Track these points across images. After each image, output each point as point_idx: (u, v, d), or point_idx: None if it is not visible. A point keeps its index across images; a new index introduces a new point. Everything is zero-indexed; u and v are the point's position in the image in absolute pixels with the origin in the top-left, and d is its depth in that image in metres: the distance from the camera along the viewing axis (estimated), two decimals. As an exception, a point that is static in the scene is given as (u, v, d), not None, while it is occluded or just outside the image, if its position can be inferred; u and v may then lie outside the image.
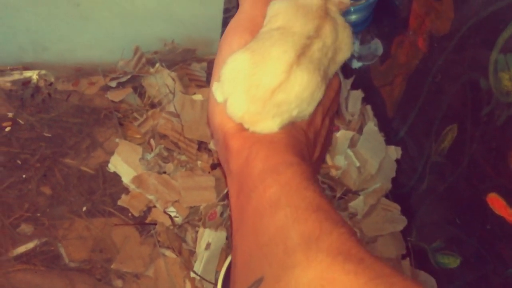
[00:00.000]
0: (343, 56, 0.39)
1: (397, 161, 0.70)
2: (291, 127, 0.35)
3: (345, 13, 0.64)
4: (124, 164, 0.64)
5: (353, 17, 0.64)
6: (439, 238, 0.62)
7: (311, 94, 0.35)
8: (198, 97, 0.69)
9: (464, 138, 0.55)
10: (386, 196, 0.70)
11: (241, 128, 0.35)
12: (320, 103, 0.37)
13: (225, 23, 0.69)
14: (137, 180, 0.62)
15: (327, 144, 0.44)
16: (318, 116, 0.38)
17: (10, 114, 0.64)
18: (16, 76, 0.67)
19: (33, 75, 0.67)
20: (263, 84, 0.34)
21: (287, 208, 0.30)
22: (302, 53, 0.34)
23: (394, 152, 0.70)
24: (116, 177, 0.64)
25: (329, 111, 0.41)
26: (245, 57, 0.34)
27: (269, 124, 0.34)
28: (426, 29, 0.60)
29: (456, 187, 0.58)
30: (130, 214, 0.61)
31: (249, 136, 0.34)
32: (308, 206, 0.30)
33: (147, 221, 0.62)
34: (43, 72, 0.67)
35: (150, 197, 0.62)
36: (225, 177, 0.61)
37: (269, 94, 0.33)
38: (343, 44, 0.38)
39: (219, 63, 0.37)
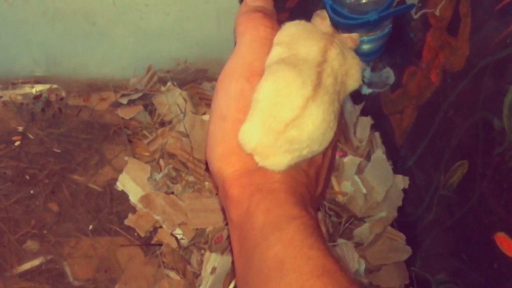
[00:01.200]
0: (351, 85, 0.39)
1: (404, 190, 0.70)
2: (291, 168, 0.35)
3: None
4: (132, 182, 0.64)
5: (366, 47, 0.65)
6: (443, 270, 0.62)
7: (323, 134, 0.34)
8: (208, 117, 0.70)
9: (474, 175, 0.55)
10: (391, 224, 0.70)
11: (241, 174, 0.34)
12: None
13: (238, 44, 0.70)
14: (145, 199, 0.62)
15: (330, 172, 0.43)
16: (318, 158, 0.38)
17: (20, 128, 0.64)
18: (28, 89, 0.67)
19: (44, 89, 0.67)
20: (279, 116, 0.33)
21: (291, 273, 0.29)
22: (317, 84, 0.34)
23: (402, 181, 0.70)
24: (123, 195, 0.63)
25: (332, 140, 0.40)
26: (270, 85, 0.34)
27: (279, 160, 0.34)
28: (439, 63, 0.60)
29: (463, 222, 0.58)
30: (136, 234, 0.61)
31: (248, 184, 0.34)
32: (313, 269, 0.29)
33: (153, 242, 0.62)
34: (54, 86, 0.67)
35: (157, 217, 0.62)
36: (225, 218, 0.61)
37: (283, 127, 0.33)
38: (351, 72, 0.38)
39: (215, 109, 0.36)
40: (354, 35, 0.38)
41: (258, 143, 0.34)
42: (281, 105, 0.33)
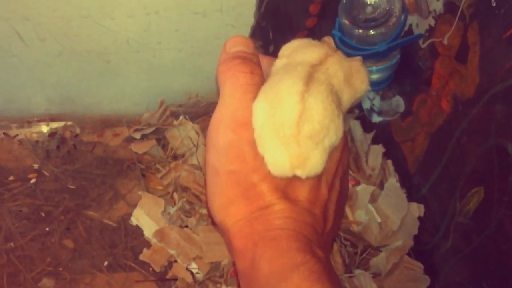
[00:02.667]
0: (359, 86, 0.38)
1: (419, 218, 0.70)
2: (291, 211, 0.35)
3: (367, 71, 0.65)
4: (146, 217, 0.64)
5: (375, 77, 0.65)
6: (463, 299, 0.61)
7: (332, 121, 0.34)
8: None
9: (491, 202, 0.54)
10: (408, 253, 0.70)
11: (242, 225, 0.35)
12: (323, 171, 0.36)
13: (248, 77, 0.71)
14: (159, 234, 0.62)
15: (342, 205, 0.43)
16: (323, 187, 0.37)
17: (36, 166, 0.65)
18: (43, 127, 0.68)
19: (59, 126, 0.68)
20: (285, 121, 0.33)
21: None
22: (308, 78, 0.34)
23: (417, 209, 0.69)
24: (138, 230, 0.63)
25: (337, 172, 0.39)
26: (261, 104, 0.34)
27: (314, 160, 0.34)
28: (449, 91, 0.60)
29: (482, 250, 0.57)
30: (151, 269, 0.61)
31: (251, 233, 0.34)
32: None
33: (168, 277, 0.61)
34: (69, 123, 0.68)
35: (172, 251, 0.62)
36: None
37: (295, 128, 0.33)
38: (357, 75, 0.38)
39: (208, 163, 0.36)
40: (357, 58, 0.39)
41: (288, 158, 0.34)
42: (280, 110, 0.33)
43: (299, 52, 0.36)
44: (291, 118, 0.33)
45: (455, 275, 0.63)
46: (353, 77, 0.38)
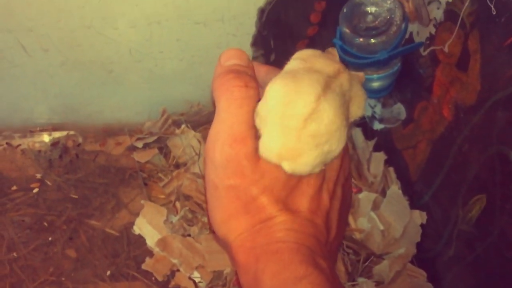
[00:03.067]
0: (355, 111, 0.39)
1: (421, 225, 0.69)
2: (293, 222, 0.35)
3: (367, 80, 0.65)
4: (148, 226, 0.64)
5: (376, 84, 0.65)
6: (467, 307, 0.61)
7: (338, 129, 0.34)
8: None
9: (493, 209, 0.54)
10: (411, 261, 0.69)
11: (244, 239, 0.35)
12: (324, 180, 0.37)
13: (250, 86, 0.71)
14: (162, 243, 0.62)
15: (345, 213, 0.43)
16: (324, 196, 0.38)
17: (38, 175, 0.65)
18: (45, 137, 0.68)
19: (61, 136, 0.68)
20: (296, 113, 0.33)
21: None
22: (326, 86, 0.34)
23: (419, 216, 0.69)
24: (140, 239, 0.63)
25: (338, 180, 0.39)
26: (278, 88, 0.34)
27: (307, 158, 0.34)
28: (451, 98, 0.61)
29: (485, 257, 0.57)
30: (153, 278, 0.61)
31: (253, 247, 0.34)
32: None
33: (170, 286, 0.61)
34: (71, 132, 0.68)
35: (174, 261, 0.62)
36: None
37: (302, 122, 0.33)
38: (357, 100, 0.39)
39: (207, 179, 0.37)
40: (361, 74, 0.40)
41: (281, 147, 0.34)
42: (295, 102, 0.34)
43: (316, 61, 0.37)
44: (302, 113, 0.33)
45: (458, 283, 0.63)
46: (351, 100, 0.38)
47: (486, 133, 0.55)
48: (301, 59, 0.37)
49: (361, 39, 0.55)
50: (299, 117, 0.33)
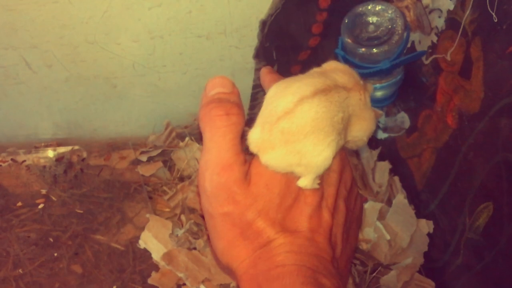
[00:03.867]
0: (356, 133, 0.39)
1: (428, 234, 0.69)
2: (291, 244, 0.35)
3: (371, 88, 0.65)
4: (154, 240, 0.64)
5: (379, 94, 0.66)
6: (477, 317, 0.60)
7: (315, 134, 0.35)
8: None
9: (501, 217, 0.54)
10: (419, 271, 0.69)
11: (247, 266, 0.35)
12: (322, 196, 0.37)
13: (253, 98, 0.71)
14: (167, 257, 0.62)
15: (352, 227, 0.42)
16: (324, 213, 0.37)
17: (44, 191, 0.65)
18: (50, 152, 0.68)
19: (66, 151, 0.68)
20: (274, 109, 0.35)
21: None
22: (321, 91, 0.35)
23: (426, 225, 0.69)
24: (146, 253, 0.63)
25: (339, 194, 0.39)
26: (274, 89, 0.37)
27: (276, 153, 0.35)
28: (454, 106, 0.61)
29: (494, 266, 0.56)
30: (159, 293, 0.60)
31: (255, 274, 0.34)
32: None
33: (177, 300, 0.61)
34: (76, 147, 0.68)
35: (180, 274, 0.62)
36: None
37: (276, 119, 0.35)
38: (362, 123, 0.39)
39: (203, 209, 0.37)
40: (380, 112, 0.40)
41: (258, 139, 0.36)
42: (278, 102, 0.35)
43: (336, 71, 0.38)
44: (278, 112, 0.35)
45: (467, 292, 0.62)
46: (355, 120, 0.38)
47: (491, 140, 0.55)
48: (322, 68, 0.39)
49: (363, 49, 0.56)
50: (275, 114, 0.35)
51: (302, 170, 0.36)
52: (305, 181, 0.36)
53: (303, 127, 0.34)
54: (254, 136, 0.36)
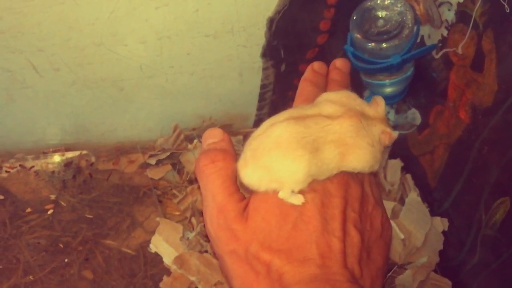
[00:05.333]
0: (352, 161, 0.39)
1: (443, 232, 0.68)
2: (301, 274, 0.35)
3: (380, 86, 0.64)
4: (165, 243, 0.63)
5: (389, 90, 0.65)
6: (495, 316, 0.59)
7: (278, 150, 0.36)
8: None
9: (518, 212, 0.53)
10: (434, 270, 0.67)
11: None
12: (324, 221, 0.37)
13: (261, 98, 0.70)
14: (179, 260, 0.61)
15: (378, 242, 0.41)
16: (332, 239, 0.37)
17: (53, 196, 0.64)
18: (58, 158, 0.68)
19: (74, 156, 0.68)
20: (252, 136, 0.39)
21: None
22: (294, 118, 0.38)
23: (440, 223, 0.67)
24: (157, 257, 0.62)
25: (345, 219, 0.39)
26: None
27: (247, 171, 0.38)
28: (467, 101, 0.59)
29: (512, 263, 0.55)
30: (172, 297, 0.60)
31: None
32: None
33: (189, 304, 0.60)
34: (84, 152, 0.68)
35: (192, 278, 0.61)
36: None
37: (250, 141, 0.39)
38: (357, 151, 0.39)
39: (216, 256, 0.44)
40: (393, 133, 0.40)
41: (241, 160, 0.39)
42: (257, 129, 0.39)
43: (325, 102, 0.40)
44: (254, 136, 0.39)
45: (485, 290, 0.61)
46: (349, 148, 0.39)
47: (506, 134, 0.53)
48: (314, 102, 0.41)
49: (373, 44, 0.55)
50: (252, 138, 0.39)
51: (278, 185, 0.38)
52: (283, 193, 0.38)
53: (267, 144, 0.37)
54: (239, 162, 0.39)
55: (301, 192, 0.38)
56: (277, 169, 0.37)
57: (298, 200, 0.37)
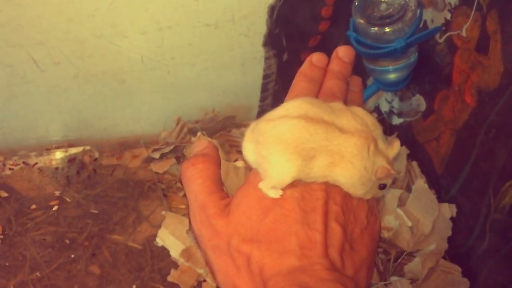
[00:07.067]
0: (339, 175, 0.39)
1: (451, 219, 0.67)
2: (280, 265, 0.36)
3: (384, 72, 0.64)
4: (171, 237, 0.62)
5: (392, 76, 0.64)
6: (507, 300, 0.58)
7: (277, 147, 0.37)
8: (240, 163, 0.69)
9: (528, 194, 0.52)
10: (443, 257, 0.67)
11: None
12: (304, 214, 0.37)
13: (264, 89, 0.70)
14: (186, 253, 0.61)
15: (365, 237, 0.41)
16: (312, 228, 0.37)
17: (57, 193, 0.64)
18: (62, 154, 0.67)
19: (78, 152, 0.67)
20: (263, 117, 0.40)
21: None
22: (306, 118, 0.37)
23: (448, 209, 0.67)
24: (164, 251, 0.62)
25: (328, 213, 0.39)
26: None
27: (246, 145, 0.39)
28: (472, 84, 0.59)
29: (523, 246, 0.54)
30: (179, 290, 0.59)
31: None
32: None
33: (197, 297, 0.60)
34: (87, 148, 0.67)
35: (200, 271, 0.60)
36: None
37: (260, 121, 0.40)
38: (345, 166, 0.39)
39: (202, 253, 0.42)
40: (392, 171, 0.39)
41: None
42: (270, 113, 0.40)
43: (352, 114, 0.39)
44: (265, 117, 0.39)
45: (496, 276, 0.60)
46: (338, 159, 0.39)
47: (514, 115, 0.53)
48: (350, 108, 0.41)
49: (376, 28, 0.54)
50: (263, 118, 0.40)
51: (262, 173, 0.38)
52: (262, 184, 0.38)
53: (271, 134, 0.37)
54: (247, 131, 0.40)
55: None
56: (268, 162, 0.37)
57: (276, 193, 0.38)
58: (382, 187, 0.41)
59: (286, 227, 0.37)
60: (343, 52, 0.50)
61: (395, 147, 0.41)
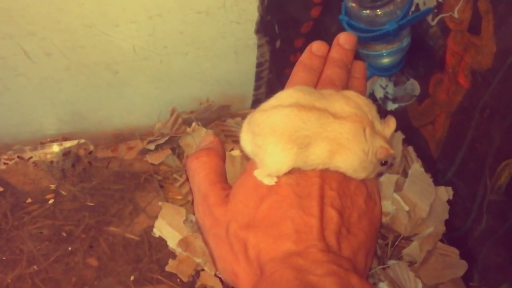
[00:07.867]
0: (339, 161, 0.39)
1: (448, 202, 0.67)
2: (275, 250, 0.36)
3: (377, 56, 0.64)
4: (168, 227, 0.62)
5: (386, 61, 0.64)
6: (505, 281, 0.58)
7: (272, 137, 0.37)
8: (236, 152, 0.69)
9: (524, 173, 0.52)
10: (441, 240, 0.67)
11: (248, 282, 0.37)
12: (299, 199, 0.38)
13: (258, 77, 0.70)
14: (184, 243, 0.61)
15: (363, 221, 0.41)
16: (307, 212, 0.38)
17: (53, 186, 0.64)
18: (56, 147, 0.67)
19: (72, 145, 0.67)
20: (257, 109, 0.41)
21: None
22: (299, 106, 0.38)
23: (445, 192, 0.67)
24: (161, 241, 0.62)
25: (324, 199, 0.39)
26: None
27: (243, 136, 0.40)
28: (466, 65, 0.59)
29: (520, 226, 0.54)
30: (178, 280, 0.59)
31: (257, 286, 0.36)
32: None
33: (196, 286, 0.59)
34: (82, 141, 0.67)
35: (198, 260, 0.60)
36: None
37: (254, 113, 0.40)
38: (346, 153, 0.38)
39: (203, 241, 0.46)
40: (391, 150, 0.39)
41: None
42: (263, 104, 0.40)
43: (346, 98, 0.40)
44: (258, 109, 0.40)
45: (494, 257, 0.61)
46: (339, 147, 0.39)
47: (508, 95, 0.53)
48: (342, 92, 0.41)
49: (367, 11, 0.54)
50: (256, 110, 0.41)
51: (259, 163, 0.39)
52: (258, 172, 0.39)
53: (266, 125, 0.38)
54: (244, 123, 0.41)
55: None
56: (265, 152, 0.38)
57: (271, 180, 0.39)
58: (384, 163, 0.41)
59: (282, 213, 0.37)
60: (344, 39, 0.49)
61: (391, 125, 0.41)
